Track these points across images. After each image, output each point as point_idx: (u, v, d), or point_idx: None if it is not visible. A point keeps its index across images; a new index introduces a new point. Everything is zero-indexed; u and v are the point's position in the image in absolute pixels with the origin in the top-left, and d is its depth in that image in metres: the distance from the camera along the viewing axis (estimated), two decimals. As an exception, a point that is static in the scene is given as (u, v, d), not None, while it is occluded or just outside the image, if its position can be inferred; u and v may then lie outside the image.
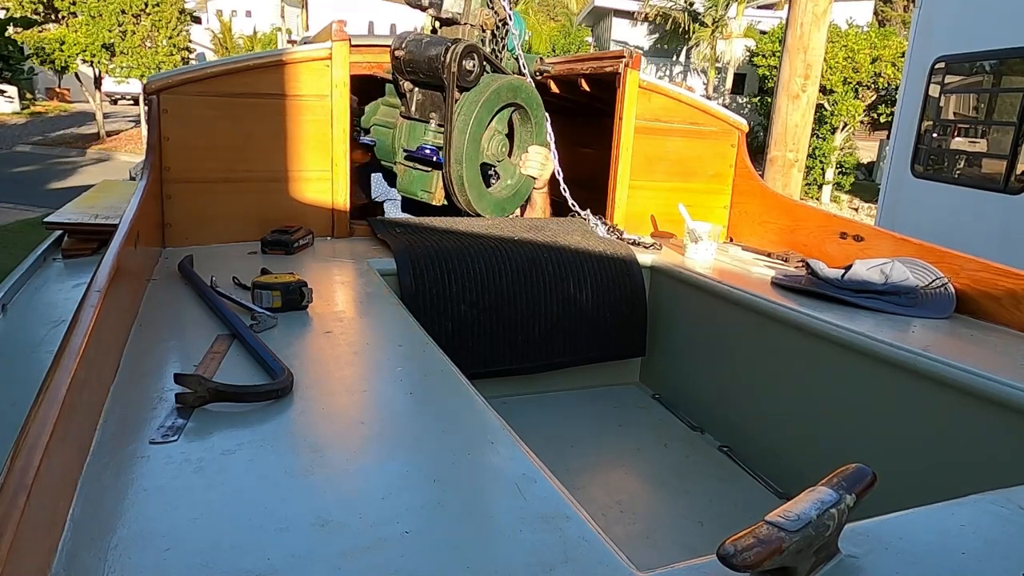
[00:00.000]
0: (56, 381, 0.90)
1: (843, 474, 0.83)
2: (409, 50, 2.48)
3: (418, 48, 2.47)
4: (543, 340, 2.29)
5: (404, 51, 2.48)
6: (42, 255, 2.43)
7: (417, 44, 2.48)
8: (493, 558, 0.80)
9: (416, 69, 2.51)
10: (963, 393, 1.48)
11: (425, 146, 2.59)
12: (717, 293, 2.20)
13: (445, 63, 2.42)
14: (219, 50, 28.19)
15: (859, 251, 2.27)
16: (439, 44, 2.46)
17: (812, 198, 16.05)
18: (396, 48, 2.50)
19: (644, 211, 2.84)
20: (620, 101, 2.68)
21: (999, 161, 4.99)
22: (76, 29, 17.63)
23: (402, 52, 2.48)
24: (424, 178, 2.67)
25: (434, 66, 2.45)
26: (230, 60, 2.33)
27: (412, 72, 2.54)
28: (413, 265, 2.11)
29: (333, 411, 1.16)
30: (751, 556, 0.68)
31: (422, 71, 2.50)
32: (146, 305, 1.63)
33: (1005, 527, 0.92)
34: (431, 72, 2.48)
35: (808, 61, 5.79)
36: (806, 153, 6.17)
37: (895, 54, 15.16)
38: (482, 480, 1.00)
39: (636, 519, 1.81)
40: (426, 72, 2.50)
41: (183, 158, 2.20)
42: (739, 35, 21.44)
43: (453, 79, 2.44)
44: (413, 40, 2.49)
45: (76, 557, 0.76)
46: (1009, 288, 1.82)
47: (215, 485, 0.91)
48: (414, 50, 2.47)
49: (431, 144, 2.58)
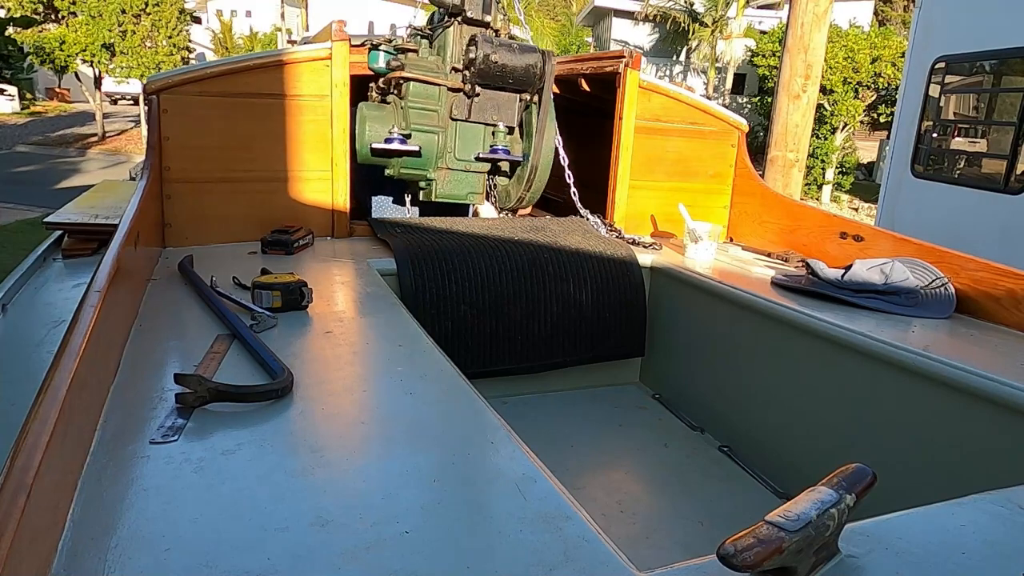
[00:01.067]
0: (56, 381, 0.90)
1: (843, 474, 0.83)
2: (503, 55, 2.48)
3: (512, 54, 2.49)
4: (543, 340, 2.29)
5: (497, 56, 2.47)
6: (42, 255, 2.43)
7: (509, 50, 2.49)
8: (493, 558, 0.80)
9: (507, 74, 2.51)
10: (963, 393, 1.48)
11: (499, 147, 2.63)
12: (717, 293, 2.20)
13: (543, 70, 2.53)
14: (219, 50, 28.19)
15: (859, 251, 2.27)
16: (531, 51, 2.53)
17: (812, 198, 16.05)
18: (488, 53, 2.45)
19: (644, 211, 2.84)
20: (620, 101, 2.68)
21: (999, 161, 4.99)
22: (76, 29, 17.64)
23: (497, 57, 2.47)
24: (475, 180, 2.71)
25: (531, 72, 2.52)
26: (230, 60, 2.33)
27: (500, 76, 2.53)
28: (413, 265, 2.11)
29: (333, 411, 1.16)
30: (751, 556, 0.68)
31: (514, 76, 2.52)
32: (146, 305, 1.63)
33: (1005, 527, 0.92)
34: (524, 77, 2.54)
35: (808, 61, 5.79)
36: (806, 153, 6.17)
37: (895, 54, 15.16)
38: (482, 480, 1.00)
39: (636, 519, 1.81)
40: (517, 77, 2.53)
41: (183, 158, 2.20)
42: (739, 35, 21.43)
43: (548, 86, 2.56)
44: (502, 45, 2.50)
45: (76, 557, 0.76)
46: (1009, 288, 1.82)
47: (215, 485, 0.91)
48: (509, 55, 2.48)
49: (502, 145, 2.64)
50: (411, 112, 2.56)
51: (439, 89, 2.57)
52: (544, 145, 2.61)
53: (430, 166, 2.63)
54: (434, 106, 2.58)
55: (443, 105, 2.59)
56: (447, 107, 2.60)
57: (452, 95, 2.60)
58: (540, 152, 2.61)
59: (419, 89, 2.55)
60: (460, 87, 2.58)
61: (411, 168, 2.64)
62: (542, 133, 2.61)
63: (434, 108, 2.58)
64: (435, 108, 2.58)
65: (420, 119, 2.58)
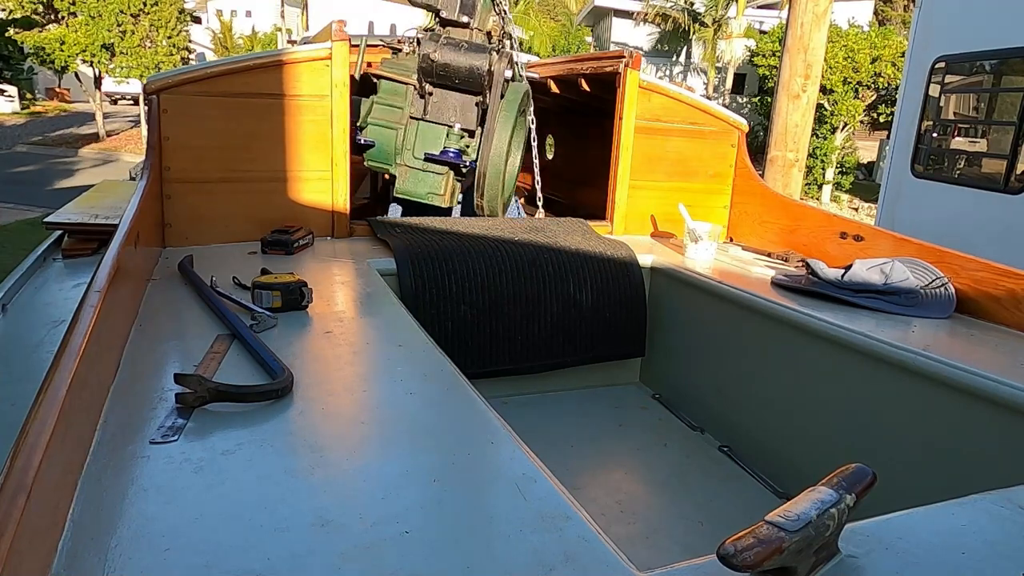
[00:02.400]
0: (56, 381, 0.90)
1: (843, 474, 0.83)
2: (446, 54, 2.46)
3: (457, 53, 2.47)
4: (543, 340, 2.29)
5: (440, 54, 2.46)
6: (42, 255, 2.43)
7: (456, 49, 2.48)
8: (493, 558, 0.80)
9: (451, 74, 2.50)
10: (963, 393, 1.48)
11: (449, 149, 2.62)
12: (717, 293, 2.20)
13: (490, 71, 2.48)
14: (219, 50, 28.18)
15: (859, 251, 2.27)
16: (480, 51, 2.49)
17: (812, 198, 16.05)
18: (430, 51, 2.46)
19: (644, 211, 2.84)
20: (620, 101, 2.68)
21: (999, 161, 4.99)
22: (76, 29, 17.62)
23: (438, 55, 2.46)
24: (434, 180, 2.68)
25: (477, 73, 2.48)
26: (230, 60, 2.33)
27: (444, 76, 2.52)
28: (413, 266, 2.11)
29: (333, 411, 1.16)
30: (751, 556, 0.68)
31: (458, 76, 2.50)
32: (146, 305, 1.63)
33: (1005, 527, 0.92)
34: (469, 78, 2.50)
35: (808, 61, 5.79)
36: (806, 153, 6.17)
37: (895, 54, 15.15)
38: (482, 480, 1.00)
39: (636, 519, 1.81)
40: (462, 78, 2.51)
41: (183, 158, 2.20)
42: (739, 35, 21.43)
43: (497, 89, 2.52)
44: (449, 44, 2.49)
45: (76, 557, 0.76)
46: (1009, 288, 1.82)
47: (215, 485, 0.91)
48: (452, 55, 2.47)
49: (455, 147, 2.62)
50: (376, 107, 2.66)
51: (406, 88, 2.65)
52: (493, 151, 2.55)
53: (391, 161, 2.70)
54: (400, 103, 2.66)
55: (407, 103, 2.66)
56: (409, 104, 2.66)
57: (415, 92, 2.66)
58: (487, 159, 2.56)
59: (387, 86, 2.66)
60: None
61: (375, 161, 2.72)
62: (489, 138, 2.56)
63: (400, 105, 2.66)
64: (401, 105, 2.66)
65: (383, 115, 2.67)
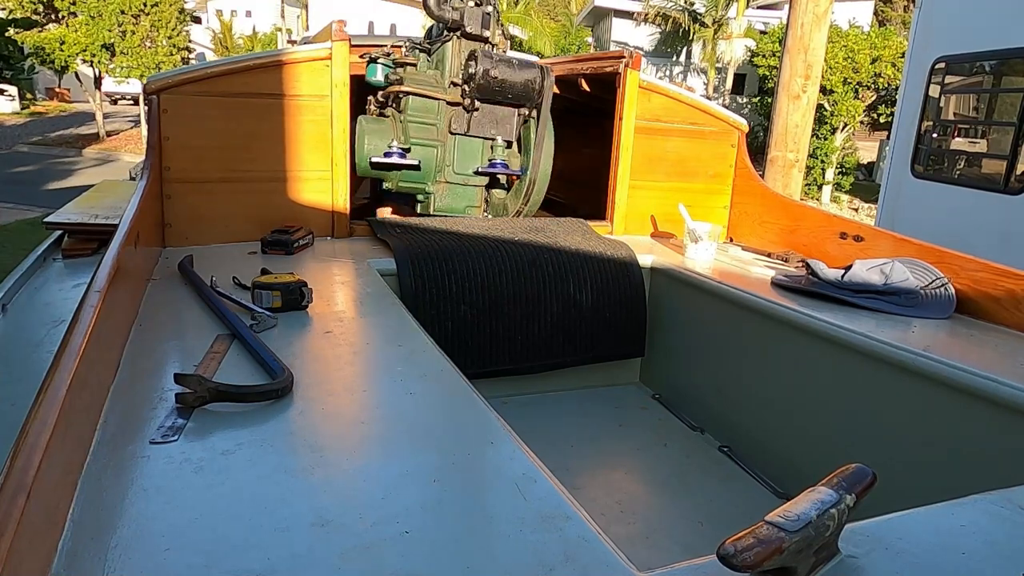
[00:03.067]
0: (56, 381, 0.90)
1: (843, 474, 0.83)
2: (502, 71, 2.51)
3: (511, 69, 2.52)
4: (543, 340, 2.29)
5: (496, 72, 2.50)
6: (42, 255, 2.42)
7: (508, 65, 2.52)
8: (493, 558, 0.80)
9: (507, 89, 2.54)
10: (963, 393, 1.48)
11: (497, 162, 2.66)
12: (717, 293, 2.20)
13: (542, 85, 2.55)
14: (219, 50, 28.17)
15: (859, 251, 2.27)
16: (531, 68, 2.55)
17: (812, 198, 16.04)
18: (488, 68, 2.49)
19: (644, 211, 2.84)
20: (620, 101, 2.68)
21: (999, 161, 4.99)
22: (76, 29, 17.61)
23: (497, 72, 2.50)
24: (473, 193, 2.74)
25: (531, 88, 2.55)
26: (230, 60, 2.33)
27: (499, 91, 2.56)
28: (413, 266, 2.11)
29: (333, 411, 1.16)
30: (751, 556, 0.68)
31: (513, 92, 2.56)
32: (146, 305, 1.63)
33: (1005, 527, 0.92)
34: (523, 93, 2.57)
35: (808, 61, 5.79)
36: (806, 153, 6.16)
37: (895, 54, 15.15)
38: (482, 480, 1.00)
39: (636, 519, 1.81)
40: (517, 93, 2.56)
41: (183, 158, 2.20)
42: (739, 35, 21.42)
43: (546, 100, 2.58)
44: (502, 60, 2.53)
45: (76, 557, 0.76)
46: (1009, 288, 1.82)
47: (215, 485, 0.91)
48: (507, 71, 2.52)
49: (500, 159, 2.67)
50: (411, 126, 2.58)
51: (438, 103, 2.60)
52: (543, 159, 2.64)
53: (429, 179, 2.66)
54: (433, 120, 2.61)
55: (442, 119, 2.63)
56: (446, 121, 2.63)
57: (451, 109, 2.62)
58: (539, 166, 2.65)
59: (418, 103, 2.58)
60: (459, 101, 2.61)
61: (409, 181, 2.66)
62: (540, 147, 2.64)
63: (433, 122, 2.62)
64: (434, 122, 2.62)
65: (420, 133, 2.60)
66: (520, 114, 2.68)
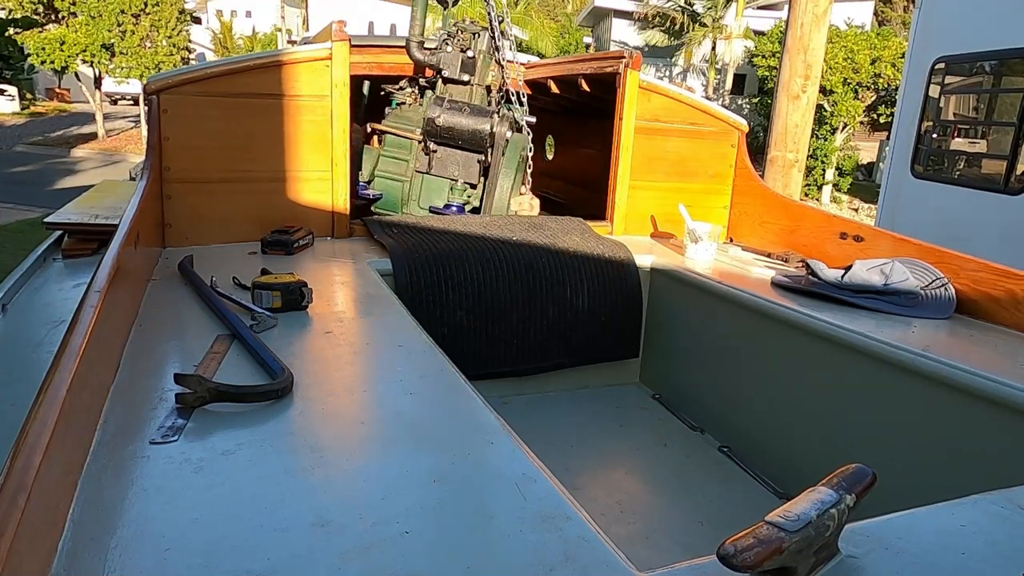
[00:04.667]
0: (56, 381, 0.90)
1: (843, 474, 0.83)
2: (448, 118, 2.71)
3: (461, 116, 2.71)
4: (539, 344, 2.29)
5: (444, 119, 2.70)
6: (42, 255, 2.42)
7: (459, 113, 2.71)
8: (493, 558, 0.80)
9: (455, 136, 2.74)
10: (963, 393, 1.48)
11: (452, 204, 2.84)
12: (717, 293, 2.20)
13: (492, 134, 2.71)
14: (219, 50, 28.17)
15: (859, 251, 2.27)
16: (483, 115, 2.72)
17: (812, 198, 16.04)
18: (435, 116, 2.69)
19: (644, 211, 2.84)
20: (620, 101, 2.68)
21: (999, 161, 4.99)
22: (76, 29, 17.62)
23: (442, 120, 2.70)
24: None
25: (479, 136, 2.72)
26: (230, 60, 2.33)
27: (448, 138, 2.75)
28: (410, 272, 2.11)
29: (333, 411, 1.16)
30: (751, 556, 0.68)
31: (462, 138, 2.74)
32: (146, 305, 1.63)
33: (1005, 527, 0.92)
34: (472, 140, 2.74)
35: (808, 61, 5.78)
36: (806, 153, 6.16)
37: (895, 54, 15.16)
38: (482, 480, 1.00)
39: (636, 519, 1.81)
40: (466, 139, 2.74)
41: (183, 158, 2.20)
42: (739, 35, 21.42)
43: (499, 148, 2.74)
44: (452, 109, 2.72)
45: (76, 557, 0.76)
46: (1009, 288, 1.82)
47: (215, 485, 0.91)
48: (455, 119, 2.71)
49: (457, 201, 2.85)
50: (382, 160, 2.89)
51: (411, 143, 2.88)
52: (495, 205, 2.77)
53: (396, 210, 2.92)
54: (406, 157, 2.89)
55: (413, 157, 2.88)
56: (415, 157, 2.88)
57: (420, 147, 2.88)
58: (489, 211, 2.79)
59: (393, 140, 2.90)
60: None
61: (383, 209, 2.93)
62: (491, 193, 2.78)
63: (405, 159, 2.89)
64: (406, 159, 2.89)
65: (389, 167, 2.91)
66: (479, 161, 2.86)
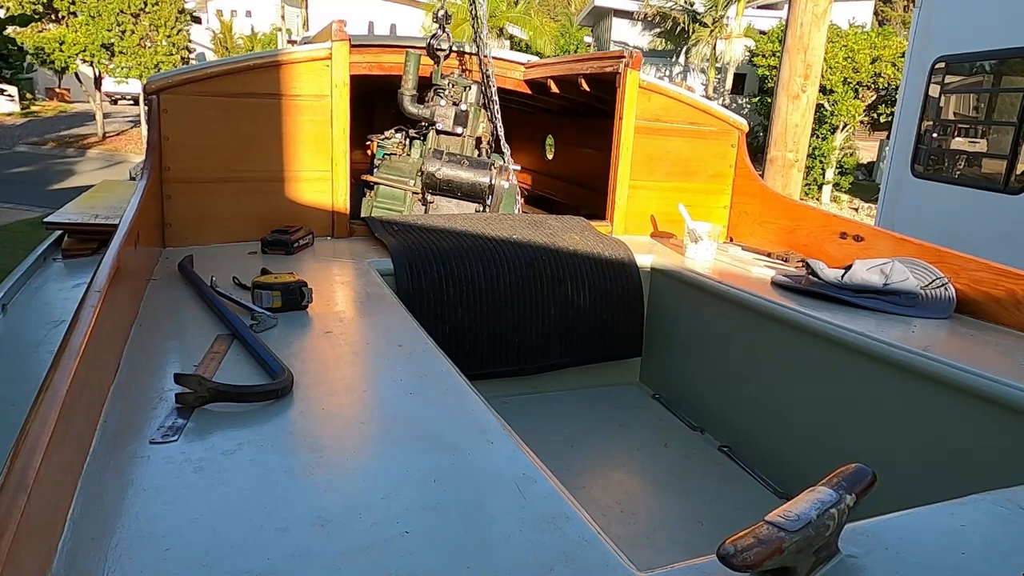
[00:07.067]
0: (56, 381, 0.90)
1: (843, 474, 0.83)
2: (448, 172, 2.82)
3: (460, 171, 2.82)
4: (539, 343, 2.29)
5: (442, 173, 2.82)
6: (42, 255, 2.42)
7: (458, 166, 2.82)
8: (493, 558, 0.80)
9: (455, 188, 2.85)
10: (963, 393, 1.48)
11: None
12: (717, 293, 2.20)
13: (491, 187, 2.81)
14: (219, 50, 28.18)
15: (859, 251, 2.27)
16: (482, 168, 2.82)
17: (812, 198, 16.04)
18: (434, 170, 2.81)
19: (644, 211, 2.84)
20: (620, 101, 2.68)
21: (999, 161, 4.99)
22: (76, 29, 17.61)
23: (442, 174, 2.82)
24: None
25: (479, 189, 2.83)
26: (230, 60, 2.33)
27: (448, 189, 2.86)
28: (410, 270, 2.11)
29: (333, 411, 1.16)
30: (751, 556, 0.68)
31: (461, 190, 2.85)
32: (146, 305, 1.63)
33: (1005, 527, 0.92)
34: (471, 192, 2.84)
35: (808, 61, 5.78)
36: (806, 153, 6.15)
37: (895, 54, 15.15)
38: (482, 480, 1.00)
39: (636, 519, 1.81)
40: (465, 192, 2.85)
41: (183, 158, 2.20)
42: (739, 35, 21.42)
43: (498, 200, 2.85)
44: (451, 162, 2.82)
45: (76, 557, 0.76)
46: (1009, 288, 1.82)
47: (215, 485, 0.91)
48: (455, 172, 2.83)
49: None
50: (376, 211, 2.97)
51: (404, 192, 2.95)
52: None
53: None
54: (399, 207, 2.97)
55: (407, 206, 2.95)
56: (410, 207, 2.95)
57: (415, 197, 2.95)
58: None
59: (386, 191, 2.98)
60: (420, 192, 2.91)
61: None
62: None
63: (399, 209, 2.97)
64: (400, 209, 2.97)
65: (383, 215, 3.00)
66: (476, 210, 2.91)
